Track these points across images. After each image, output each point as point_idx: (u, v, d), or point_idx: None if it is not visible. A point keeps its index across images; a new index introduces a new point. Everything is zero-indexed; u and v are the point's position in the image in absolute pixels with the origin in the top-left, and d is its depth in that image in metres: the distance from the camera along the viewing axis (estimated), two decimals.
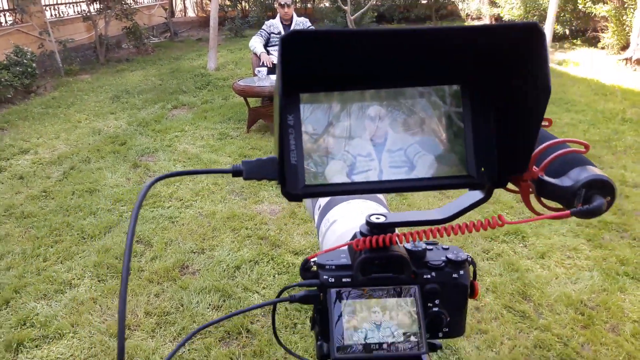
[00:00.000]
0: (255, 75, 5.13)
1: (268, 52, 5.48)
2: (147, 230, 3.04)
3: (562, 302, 2.36)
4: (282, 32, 5.52)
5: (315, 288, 0.52)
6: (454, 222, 0.49)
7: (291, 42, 0.38)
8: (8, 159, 4.26)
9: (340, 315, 0.49)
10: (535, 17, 10.35)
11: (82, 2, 9.39)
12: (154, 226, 3.10)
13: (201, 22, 13.35)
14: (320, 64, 0.44)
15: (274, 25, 5.57)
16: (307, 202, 0.78)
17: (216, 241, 2.93)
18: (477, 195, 0.49)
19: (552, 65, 7.57)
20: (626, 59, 7.25)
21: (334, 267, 0.52)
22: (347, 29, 0.40)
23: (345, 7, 7.85)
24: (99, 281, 2.57)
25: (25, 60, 6.59)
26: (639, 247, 2.82)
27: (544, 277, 2.55)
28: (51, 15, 9.13)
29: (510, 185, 0.48)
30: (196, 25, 13.38)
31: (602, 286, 2.48)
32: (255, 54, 5.47)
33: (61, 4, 9.61)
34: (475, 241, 2.89)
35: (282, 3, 5.53)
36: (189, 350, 2.10)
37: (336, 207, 0.69)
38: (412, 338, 0.49)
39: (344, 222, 0.67)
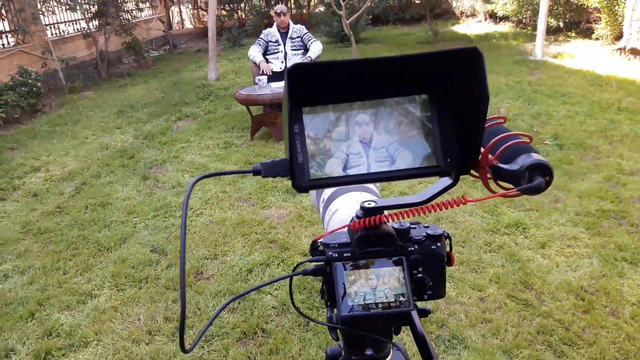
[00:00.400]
0: (255, 83, 5.24)
1: (267, 61, 5.60)
2: (161, 240, 3.15)
3: (563, 289, 2.45)
4: (280, 40, 5.68)
5: (323, 263, 0.65)
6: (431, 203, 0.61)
7: (295, 72, 0.51)
8: (21, 178, 4.39)
9: (343, 283, 0.62)
10: (529, 12, 10.45)
11: (82, 20, 9.53)
12: (167, 235, 3.21)
13: (199, 33, 13.51)
14: (318, 85, 0.56)
15: (272, 33, 5.69)
16: (313, 197, 0.91)
17: (228, 247, 3.04)
18: (447, 181, 0.60)
19: (547, 58, 7.68)
20: (620, 49, 7.34)
21: (336, 245, 0.65)
22: (336, 61, 0.52)
23: (340, 12, 7.96)
24: (118, 290, 2.68)
25: (30, 80, 6.74)
26: (637, 233, 2.92)
27: (545, 266, 2.65)
28: (52, 34, 9.27)
29: (473, 172, 0.59)
30: (194, 37, 13.54)
31: (601, 272, 2.57)
32: (255, 62, 5.59)
33: (61, 22, 9.75)
34: (477, 235, 2.99)
35: (278, 12, 5.65)
36: (208, 351, 2.21)
37: (337, 199, 0.81)
38: (402, 298, 0.62)
39: (343, 210, 0.80)
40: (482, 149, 0.57)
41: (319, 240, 0.67)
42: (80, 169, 4.46)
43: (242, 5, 13.82)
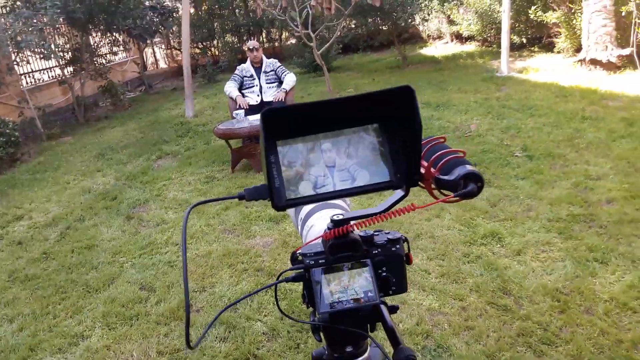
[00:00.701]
0: (233, 117, 5.37)
1: (243, 95, 5.75)
2: (149, 277, 3.20)
3: (539, 293, 2.57)
4: (254, 75, 5.84)
5: (302, 270, 0.75)
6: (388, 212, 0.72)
7: (269, 115, 0.61)
8: (4, 227, 4.39)
9: (320, 286, 0.72)
10: (492, 30, 10.86)
11: (56, 67, 9.63)
12: (154, 272, 3.26)
13: (174, 72, 13.69)
14: (288, 123, 0.67)
15: (246, 69, 5.85)
16: (292, 217, 1.01)
17: (215, 278, 3.10)
18: (400, 193, 0.71)
19: (513, 74, 7.99)
20: (580, 61, 7.68)
21: (312, 254, 0.75)
22: (303, 104, 0.63)
23: (311, 44, 8.20)
24: (109, 329, 2.72)
25: (7, 130, 6.76)
26: (605, 234, 3.06)
27: (521, 272, 2.77)
28: (27, 83, 9.35)
29: (420, 184, 0.70)
30: (169, 76, 13.70)
31: (574, 273, 2.70)
32: (232, 97, 5.73)
33: (36, 71, 9.84)
34: (456, 247, 3.10)
35: (251, 47, 5.84)
36: None
37: (312, 216, 0.92)
38: (370, 294, 0.71)
39: (317, 225, 0.91)
40: (426, 164, 0.68)
41: (297, 252, 0.77)
42: (64, 214, 4.49)
43: (215, 42, 14.08)
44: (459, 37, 12.44)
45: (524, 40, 10.25)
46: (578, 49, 8.37)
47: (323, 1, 7.91)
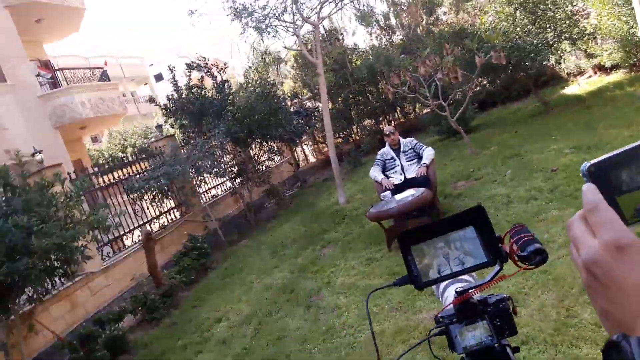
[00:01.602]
0: (382, 199, 5.79)
1: (387, 177, 6.19)
2: None
3: None
4: (394, 156, 6.27)
5: (444, 327, 1.08)
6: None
7: (404, 236, 0.98)
8: (209, 330, 5.20)
9: (456, 336, 1.04)
10: (639, 54, 10.10)
11: (227, 180, 11.17)
12: (337, 355, 3.63)
13: (322, 164, 14.84)
14: (416, 235, 1.02)
15: (386, 152, 6.34)
16: (435, 291, 1.35)
17: (391, 356, 3.36)
18: (497, 267, 1.01)
19: None
20: None
21: (448, 315, 1.09)
22: (415, 228, 0.97)
23: (445, 113, 8.52)
24: None
25: (199, 244, 8.03)
26: None
27: None
28: (206, 199, 10.99)
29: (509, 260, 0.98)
30: (319, 168, 14.88)
31: None
32: (377, 181, 6.20)
33: (211, 188, 11.55)
34: None
35: (387, 133, 6.35)
36: None
37: (447, 290, 1.24)
38: (489, 338, 1.02)
39: (450, 296, 1.22)
40: (511, 244, 0.97)
41: (438, 315, 1.12)
42: (254, 311, 5.19)
43: (354, 128, 15.10)
44: (602, 69, 11.70)
45: None
46: None
47: (449, 72, 8.27)
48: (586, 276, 0.49)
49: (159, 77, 36.31)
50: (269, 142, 11.85)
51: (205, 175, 10.04)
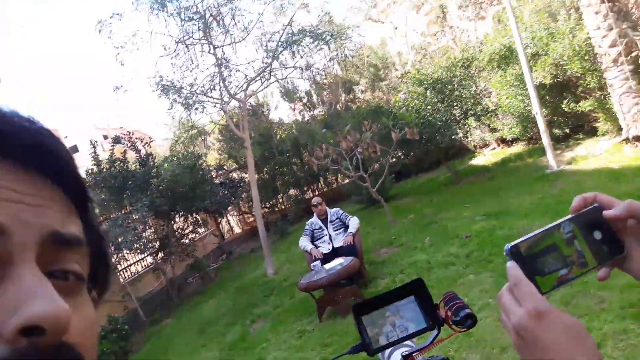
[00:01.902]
0: (312, 269, 5.89)
1: (316, 246, 6.34)
2: None
3: None
4: (322, 226, 6.48)
5: None
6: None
7: (358, 308, 1.11)
8: None
9: None
10: (535, 128, 11.30)
11: (148, 256, 10.78)
12: None
13: (248, 235, 14.77)
14: (365, 305, 1.16)
15: (314, 222, 6.54)
16: (380, 358, 1.46)
17: None
18: (435, 332, 1.17)
19: (563, 167, 8.25)
20: (624, 140, 7.89)
21: None
22: (372, 299, 1.12)
23: (365, 184, 8.97)
24: None
25: (118, 326, 7.58)
26: None
27: None
28: (124, 277, 10.47)
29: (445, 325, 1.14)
30: (245, 239, 14.77)
31: None
32: (307, 251, 6.33)
33: (131, 264, 11.06)
34: None
35: (315, 204, 6.59)
36: None
37: (393, 354, 1.36)
38: None
39: (397, 359, 1.33)
40: (445, 310, 1.14)
41: None
42: None
43: (280, 198, 15.31)
44: (504, 141, 12.94)
45: (567, 131, 10.57)
46: (621, 129, 8.59)
47: (368, 146, 8.81)
48: (516, 338, 0.62)
49: (74, 150, 35.00)
50: (193, 215, 11.70)
51: (125, 251, 9.66)
